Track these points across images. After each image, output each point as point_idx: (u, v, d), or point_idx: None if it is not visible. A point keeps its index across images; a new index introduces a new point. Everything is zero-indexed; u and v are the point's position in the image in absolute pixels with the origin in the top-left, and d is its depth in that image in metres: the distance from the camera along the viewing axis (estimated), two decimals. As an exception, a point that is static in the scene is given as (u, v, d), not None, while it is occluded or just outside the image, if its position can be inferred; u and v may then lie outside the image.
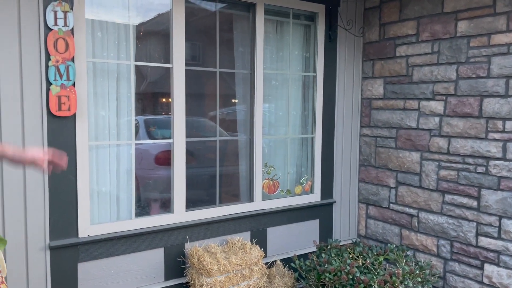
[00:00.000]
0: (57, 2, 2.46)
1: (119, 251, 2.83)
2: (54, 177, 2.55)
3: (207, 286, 2.91)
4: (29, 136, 2.45)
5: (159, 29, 3.16)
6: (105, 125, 2.86)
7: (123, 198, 2.95)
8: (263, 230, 3.52)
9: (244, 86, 3.51)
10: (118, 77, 2.88)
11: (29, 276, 2.53)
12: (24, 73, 2.42)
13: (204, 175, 3.46)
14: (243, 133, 3.54)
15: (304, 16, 3.73)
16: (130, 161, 2.96)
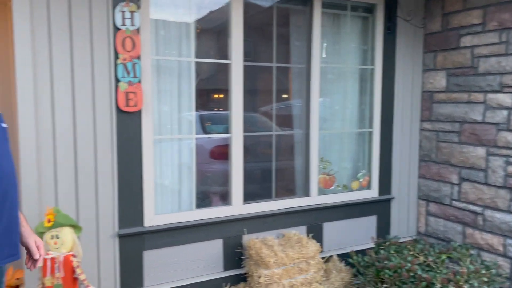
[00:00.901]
0: (124, 3, 2.59)
1: (181, 240, 2.95)
2: (122, 170, 2.69)
3: (265, 278, 2.95)
4: (99, 129, 2.61)
5: (217, 25, 3.23)
6: (168, 120, 2.98)
7: (184, 190, 3.06)
8: (319, 225, 3.51)
9: (300, 80, 3.51)
10: (179, 74, 2.99)
11: (100, 262, 2.70)
12: (95, 70, 2.57)
13: (260, 169, 3.51)
14: (298, 127, 3.54)
15: (362, 8, 3.66)
16: (190, 155, 3.06)
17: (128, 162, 2.71)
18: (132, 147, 2.71)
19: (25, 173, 2.43)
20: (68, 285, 2.25)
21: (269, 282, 2.96)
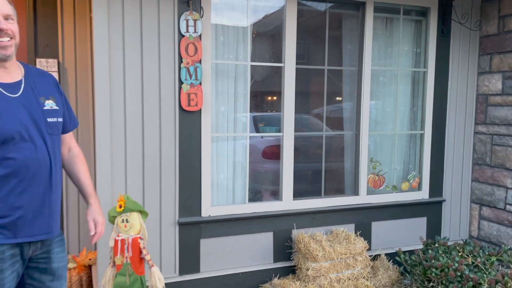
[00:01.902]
0: (188, 12, 2.85)
1: (234, 231, 3.17)
2: (183, 164, 2.96)
3: (313, 271, 3.10)
4: (164, 127, 2.89)
5: (272, 29, 3.42)
6: (224, 119, 3.21)
7: (238, 184, 3.28)
8: (368, 223, 3.59)
9: (351, 83, 3.62)
10: (235, 76, 3.21)
11: (162, 247, 2.98)
12: (162, 74, 2.85)
13: (310, 168, 3.65)
14: (349, 129, 3.65)
15: (415, 12, 3.71)
16: (244, 152, 3.28)
17: (188, 157, 2.97)
18: (192, 143, 2.97)
19: (100, 165, 2.76)
20: (135, 264, 2.53)
21: (317, 275, 3.11)
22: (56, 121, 1.80)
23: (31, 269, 1.80)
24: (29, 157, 1.68)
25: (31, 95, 1.74)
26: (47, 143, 1.76)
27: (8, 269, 1.68)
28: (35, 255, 1.78)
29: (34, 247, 1.76)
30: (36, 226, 1.72)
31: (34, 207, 1.71)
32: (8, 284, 1.69)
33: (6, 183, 1.64)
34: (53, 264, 1.83)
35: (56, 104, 1.81)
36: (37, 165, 1.71)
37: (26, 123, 1.68)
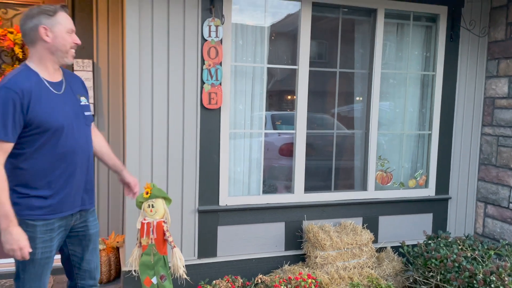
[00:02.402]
0: (211, 19, 3.13)
1: (249, 220, 3.44)
2: (203, 156, 3.24)
3: (321, 258, 3.35)
4: (187, 123, 3.18)
5: (287, 34, 3.66)
6: (242, 117, 3.49)
7: (253, 177, 3.55)
8: (375, 217, 3.81)
9: (362, 85, 3.84)
10: (253, 77, 3.48)
11: (183, 232, 3.27)
12: (186, 74, 3.14)
13: (321, 164, 3.88)
14: (359, 127, 3.88)
15: (425, 18, 3.90)
16: (259, 147, 3.54)
17: (208, 150, 3.25)
18: (211, 138, 3.25)
19: (129, 157, 3.07)
20: (159, 245, 2.82)
21: (324, 262, 3.35)
22: (90, 114, 2.17)
23: (73, 237, 2.17)
24: (75, 145, 2.02)
25: (70, 93, 2.07)
26: (86, 133, 2.11)
27: (56, 237, 2.04)
28: (75, 225, 2.14)
29: (75, 218, 2.12)
30: (77, 201, 2.09)
31: (76, 186, 2.06)
32: (54, 250, 2.05)
33: (57, 167, 1.98)
34: (90, 230, 2.21)
35: (87, 100, 2.16)
36: (80, 152, 2.05)
37: (71, 116, 2.02)
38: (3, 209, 1.82)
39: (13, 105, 1.83)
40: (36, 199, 1.95)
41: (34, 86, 1.91)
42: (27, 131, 1.89)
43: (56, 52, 1.97)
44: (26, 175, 1.94)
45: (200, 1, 3.13)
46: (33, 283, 2.01)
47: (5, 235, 1.85)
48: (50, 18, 1.95)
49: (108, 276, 3.50)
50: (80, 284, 2.25)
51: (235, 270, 3.36)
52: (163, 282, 2.81)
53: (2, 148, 1.85)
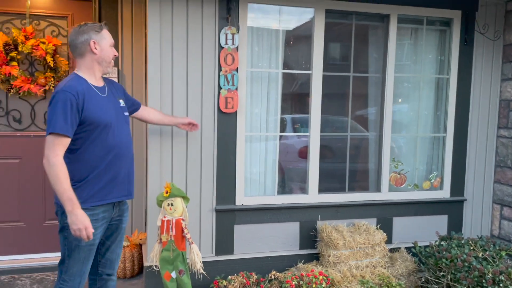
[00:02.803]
0: (227, 27, 3.30)
1: (264, 219, 3.58)
2: (220, 158, 3.41)
3: (334, 257, 3.45)
4: (205, 125, 3.35)
5: (301, 40, 3.79)
6: (258, 120, 3.64)
7: (268, 178, 3.69)
8: (389, 218, 3.89)
9: (376, 88, 3.93)
10: (268, 82, 3.63)
11: (201, 230, 3.44)
12: (204, 80, 3.32)
13: (336, 166, 3.98)
14: (373, 130, 3.97)
15: (439, 22, 3.96)
16: (275, 150, 3.68)
17: (225, 152, 3.42)
18: (228, 140, 3.41)
19: (151, 158, 3.26)
20: (177, 241, 3.00)
21: (337, 261, 3.45)
22: (127, 115, 2.50)
23: (107, 229, 2.45)
24: (119, 139, 2.34)
25: (112, 96, 2.41)
26: (126, 130, 2.43)
27: (99, 227, 2.32)
28: (113, 217, 2.43)
29: (116, 209, 2.42)
30: (121, 190, 2.39)
31: (121, 176, 2.37)
32: (97, 239, 2.34)
33: (105, 159, 2.28)
34: (122, 224, 2.52)
35: (125, 103, 2.49)
36: (124, 145, 2.37)
37: (115, 115, 2.35)
38: (67, 194, 2.11)
39: (70, 105, 2.14)
40: (87, 188, 2.25)
41: (85, 89, 2.24)
42: (82, 127, 2.20)
43: (102, 63, 2.34)
44: (78, 168, 2.24)
45: (217, 11, 3.30)
46: (76, 267, 2.28)
47: (71, 217, 2.12)
48: (98, 33, 2.31)
49: (132, 271, 3.70)
50: (100, 271, 2.52)
51: (251, 267, 3.50)
52: (181, 276, 2.98)
53: (62, 143, 2.15)
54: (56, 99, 2.14)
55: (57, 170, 2.11)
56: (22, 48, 3.60)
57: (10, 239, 3.81)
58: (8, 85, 3.66)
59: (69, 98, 2.13)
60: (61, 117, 2.11)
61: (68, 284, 2.29)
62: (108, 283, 2.58)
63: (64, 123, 2.12)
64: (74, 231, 2.14)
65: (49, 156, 2.12)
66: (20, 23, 3.71)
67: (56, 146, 2.12)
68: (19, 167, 3.80)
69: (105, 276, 2.55)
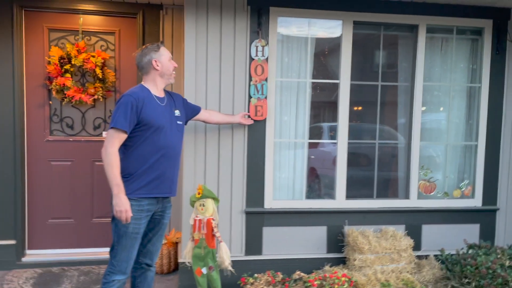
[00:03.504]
0: (258, 40, 3.52)
1: (292, 223, 3.73)
2: (250, 163, 3.61)
3: (359, 261, 3.54)
4: (236, 132, 3.57)
5: (329, 50, 3.94)
6: (286, 127, 3.82)
7: (297, 183, 3.85)
8: (418, 225, 3.92)
9: (405, 97, 4.00)
10: (297, 91, 3.81)
11: (232, 230, 3.65)
12: (235, 89, 3.55)
13: (364, 173, 4.07)
14: (401, 138, 4.03)
15: (469, 31, 3.98)
16: (303, 156, 3.84)
17: (254, 157, 3.62)
18: (258, 146, 3.61)
19: (186, 160, 3.52)
20: (208, 239, 3.22)
21: (363, 265, 3.54)
22: (181, 123, 2.84)
23: (150, 222, 2.75)
24: (169, 142, 2.68)
25: (169, 106, 2.77)
26: (177, 136, 2.77)
27: (143, 218, 2.64)
28: (156, 212, 2.74)
29: (159, 205, 2.72)
30: (165, 187, 2.71)
31: (166, 175, 2.69)
32: (142, 229, 2.65)
33: (154, 156, 2.61)
34: (164, 220, 2.82)
35: (180, 113, 2.84)
36: (172, 147, 2.70)
37: (169, 121, 2.71)
38: (116, 180, 2.47)
39: (131, 107, 2.52)
40: (137, 181, 2.58)
41: (146, 97, 2.63)
42: (138, 127, 2.56)
43: (163, 76, 2.74)
44: (131, 162, 2.58)
45: (249, 25, 3.53)
46: (124, 253, 2.61)
47: (115, 199, 2.47)
48: (157, 52, 2.71)
49: (168, 267, 3.97)
50: (140, 260, 2.81)
51: (279, 268, 3.64)
52: (211, 272, 3.20)
53: (119, 137, 2.52)
54: (121, 101, 2.54)
55: (112, 158, 2.47)
56: (75, 61, 4.00)
57: (62, 234, 4.20)
58: (62, 94, 4.06)
59: (131, 101, 2.52)
60: (122, 116, 2.49)
61: (116, 268, 2.63)
62: (147, 272, 2.87)
63: (123, 121, 2.49)
64: (116, 212, 2.47)
65: (107, 146, 2.49)
66: (73, 39, 4.12)
67: (114, 139, 2.50)
68: (70, 168, 4.19)
69: (144, 266, 2.85)
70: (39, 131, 4.11)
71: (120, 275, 2.63)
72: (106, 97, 4.18)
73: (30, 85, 4.06)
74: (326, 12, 3.65)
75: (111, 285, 2.62)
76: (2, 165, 3.90)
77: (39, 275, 3.85)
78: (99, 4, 4.03)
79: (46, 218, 4.16)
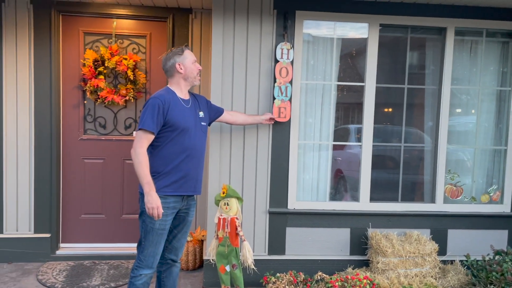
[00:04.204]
0: (283, 43, 3.58)
1: (315, 224, 3.76)
2: (274, 163, 3.67)
3: (382, 264, 3.54)
4: (260, 133, 3.64)
5: (354, 52, 3.95)
6: (311, 129, 3.85)
7: (321, 184, 3.88)
8: (443, 230, 3.87)
9: (432, 100, 3.96)
10: (322, 93, 3.84)
11: (255, 230, 3.72)
12: (261, 91, 3.62)
13: (389, 175, 4.05)
14: (428, 141, 3.99)
15: (500, 34, 3.90)
16: (327, 157, 3.87)
17: (278, 158, 3.68)
18: (281, 147, 3.67)
19: (211, 160, 3.61)
20: (232, 238, 3.30)
21: (386, 268, 3.54)
22: (205, 124, 2.92)
23: (176, 218, 2.86)
24: (194, 143, 2.78)
25: (193, 108, 2.86)
26: (201, 137, 2.86)
27: (169, 215, 2.75)
28: (181, 209, 2.84)
29: (184, 202, 2.83)
30: (189, 186, 2.81)
31: (191, 174, 2.79)
32: (168, 225, 2.76)
33: (179, 156, 2.72)
34: (189, 217, 2.92)
35: (204, 114, 2.92)
36: (196, 148, 2.80)
37: (194, 123, 2.80)
38: (146, 179, 2.57)
39: (158, 109, 2.62)
40: (163, 179, 2.69)
41: (172, 99, 2.72)
42: (164, 128, 2.67)
43: (187, 79, 2.82)
44: (158, 161, 2.69)
45: (275, 28, 3.60)
46: (151, 248, 2.73)
47: (147, 197, 2.56)
48: (181, 56, 2.79)
49: (194, 264, 4.08)
50: (166, 255, 2.92)
51: (301, 269, 3.69)
52: (234, 270, 3.27)
53: (147, 137, 2.63)
54: (148, 103, 2.65)
55: (141, 158, 2.58)
56: (108, 63, 4.17)
57: (93, 229, 4.38)
58: (96, 95, 4.24)
59: (158, 103, 2.62)
60: (149, 117, 2.60)
61: (143, 263, 2.74)
62: (172, 268, 2.99)
63: (151, 122, 2.60)
64: (148, 209, 2.57)
65: (136, 146, 2.60)
66: (107, 42, 4.30)
67: (143, 139, 2.61)
68: (102, 166, 4.38)
69: (169, 261, 2.96)
70: (74, 130, 4.31)
71: (147, 270, 2.75)
72: (137, 98, 4.34)
73: (66, 87, 4.26)
74: (352, 15, 3.67)
75: (139, 279, 2.74)
76: (40, 162, 4.11)
77: (71, 268, 4.03)
78: (132, 9, 4.19)
79: (79, 213, 4.36)
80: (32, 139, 4.09)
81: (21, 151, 4.09)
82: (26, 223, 4.13)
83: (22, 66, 4.03)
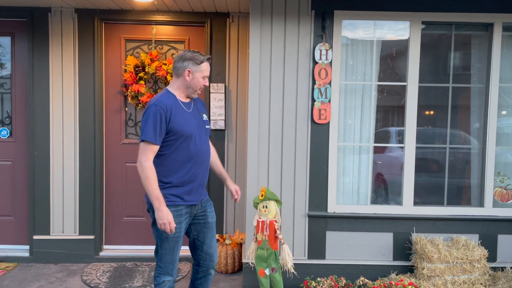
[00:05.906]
0: (322, 43, 3.53)
1: (356, 228, 3.67)
2: (313, 166, 3.61)
3: (428, 270, 3.41)
4: (298, 135, 3.60)
5: (395, 51, 3.84)
6: (351, 131, 3.77)
7: (362, 187, 3.78)
8: (493, 235, 3.68)
9: (479, 99, 3.79)
10: (362, 94, 3.75)
11: (294, 233, 3.67)
12: (299, 93, 3.58)
13: (434, 179, 3.90)
14: (475, 142, 3.81)
15: (553, 28, 3.69)
16: (368, 160, 3.77)
17: (317, 160, 3.62)
18: (321, 149, 3.61)
19: (250, 163, 3.60)
20: (271, 241, 3.27)
21: (432, 274, 3.40)
22: (209, 128, 2.82)
23: (196, 225, 2.78)
24: (199, 149, 2.65)
25: (196, 111, 2.73)
26: (206, 141, 2.75)
27: (183, 222, 2.65)
28: (197, 214, 2.75)
29: (197, 207, 2.73)
30: (198, 193, 2.70)
31: (199, 181, 2.68)
32: (182, 232, 2.66)
33: (186, 165, 2.61)
34: (209, 219, 2.81)
35: (206, 117, 2.80)
36: (203, 154, 2.68)
37: (197, 127, 2.67)
38: (155, 193, 2.45)
39: (160, 117, 2.48)
40: (171, 189, 2.58)
41: (173, 104, 2.56)
42: (168, 137, 2.54)
43: (189, 88, 2.65)
44: (165, 171, 2.57)
45: (312, 29, 3.56)
46: (168, 256, 2.64)
47: (158, 213, 2.45)
48: (196, 65, 2.61)
49: (233, 267, 4.07)
50: (201, 263, 2.84)
51: (342, 274, 3.61)
52: (274, 274, 3.24)
53: (152, 149, 2.49)
54: (149, 112, 2.48)
55: (148, 172, 2.44)
56: (148, 69, 4.26)
57: (135, 231, 4.47)
58: (137, 100, 4.34)
59: (159, 111, 2.46)
60: (151, 128, 2.46)
61: (163, 270, 2.65)
62: (207, 276, 2.88)
63: (153, 133, 2.46)
64: (160, 225, 2.46)
65: (141, 160, 2.46)
66: (147, 48, 4.40)
67: (147, 151, 2.47)
68: (143, 170, 4.46)
69: (206, 269, 2.86)
70: (116, 135, 4.43)
71: (168, 276, 2.67)
72: (176, 103, 4.40)
73: (109, 92, 4.38)
74: (393, 13, 3.58)
75: (163, 285, 2.66)
76: (84, 166, 4.24)
77: (114, 269, 4.12)
78: (171, 15, 4.27)
79: (121, 215, 4.46)
80: (77, 144, 4.23)
81: (66, 155, 4.23)
82: (71, 225, 4.27)
83: (67, 73, 4.19)
